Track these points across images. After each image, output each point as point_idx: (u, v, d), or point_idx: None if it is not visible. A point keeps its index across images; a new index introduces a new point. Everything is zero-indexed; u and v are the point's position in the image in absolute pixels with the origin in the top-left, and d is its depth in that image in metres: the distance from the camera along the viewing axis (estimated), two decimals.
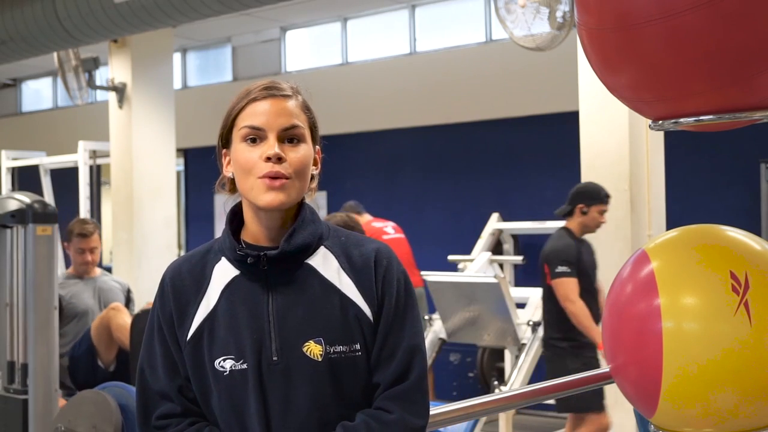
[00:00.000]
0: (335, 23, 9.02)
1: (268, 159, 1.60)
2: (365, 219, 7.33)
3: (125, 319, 4.49)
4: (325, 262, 1.67)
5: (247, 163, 1.62)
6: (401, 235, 7.41)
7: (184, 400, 1.66)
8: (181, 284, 1.68)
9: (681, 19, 1.49)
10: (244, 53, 9.76)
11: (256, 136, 1.62)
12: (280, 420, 1.60)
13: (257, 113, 1.63)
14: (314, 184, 1.71)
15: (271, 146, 1.61)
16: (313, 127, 1.69)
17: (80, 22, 6.01)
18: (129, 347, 4.43)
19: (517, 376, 5.59)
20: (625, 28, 1.55)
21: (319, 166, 1.71)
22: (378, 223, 7.34)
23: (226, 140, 1.68)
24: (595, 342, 4.63)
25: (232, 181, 1.69)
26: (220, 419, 1.64)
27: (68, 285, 4.61)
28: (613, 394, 4.68)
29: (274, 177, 1.60)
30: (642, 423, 2.38)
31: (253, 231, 1.68)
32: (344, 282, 1.65)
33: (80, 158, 7.47)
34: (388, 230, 7.35)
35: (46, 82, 11.78)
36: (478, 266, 6.30)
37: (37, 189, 7.35)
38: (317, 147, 1.71)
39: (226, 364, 1.61)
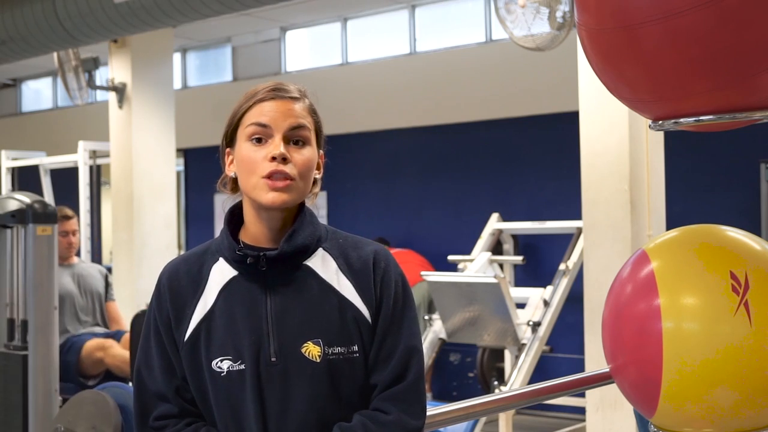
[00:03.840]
0: (335, 23, 9.02)
1: (273, 159, 1.60)
2: None
3: (120, 350, 4.55)
4: (323, 264, 1.67)
5: (251, 162, 1.62)
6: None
7: (181, 401, 1.66)
8: (179, 285, 1.68)
9: (681, 19, 1.49)
10: (244, 53, 9.76)
11: (261, 135, 1.63)
12: (277, 421, 1.60)
13: (264, 113, 1.63)
14: (317, 189, 1.72)
15: (277, 146, 1.61)
16: (318, 131, 1.69)
17: (80, 22, 6.01)
18: (129, 371, 4.44)
19: (517, 376, 5.59)
20: (625, 28, 1.55)
21: (322, 170, 1.72)
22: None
23: (230, 139, 1.68)
24: None
25: (234, 180, 1.70)
26: (217, 420, 1.64)
27: None
28: (613, 394, 4.68)
29: (277, 177, 1.60)
30: (642, 423, 2.38)
31: (253, 231, 1.68)
32: (343, 284, 1.66)
33: (80, 158, 7.46)
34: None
35: (46, 82, 11.78)
36: (478, 266, 6.30)
37: (37, 189, 7.34)
38: (321, 151, 1.71)
39: (223, 364, 1.61)
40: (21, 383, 3.88)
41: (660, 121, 1.69)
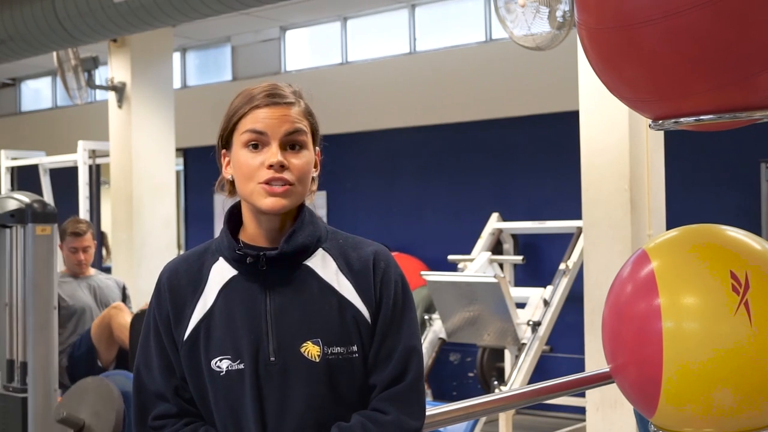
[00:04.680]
0: (335, 23, 9.02)
1: (270, 167, 1.60)
2: None
3: (127, 318, 4.48)
4: (323, 264, 1.67)
5: (248, 169, 1.62)
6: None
7: (180, 401, 1.66)
8: (178, 284, 1.68)
9: (681, 19, 1.49)
10: (244, 53, 9.76)
11: (258, 142, 1.62)
12: (276, 420, 1.60)
13: (260, 119, 1.62)
14: (314, 187, 1.72)
15: (274, 154, 1.60)
16: (314, 132, 1.69)
17: (80, 21, 6.01)
18: (128, 347, 4.43)
19: (517, 376, 5.59)
20: (625, 27, 1.55)
21: (319, 168, 1.72)
22: None
23: (226, 141, 1.68)
24: None
25: (232, 182, 1.69)
26: (216, 419, 1.64)
27: (63, 284, 4.60)
28: (613, 394, 4.67)
29: (276, 183, 1.60)
30: (642, 423, 2.38)
31: (252, 232, 1.68)
32: (342, 284, 1.65)
33: (80, 158, 7.46)
34: None
35: (45, 82, 11.78)
36: (478, 266, 6.30)
37: (36, 189, 7.34)
38: (317, 149, 1.71)
39: (222, 364, 1.61)
40: (21, 426, 3.85)
41: (660, 121, 1.69)
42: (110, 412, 3.41)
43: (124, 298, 4.87)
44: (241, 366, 1.60)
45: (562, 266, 5.96)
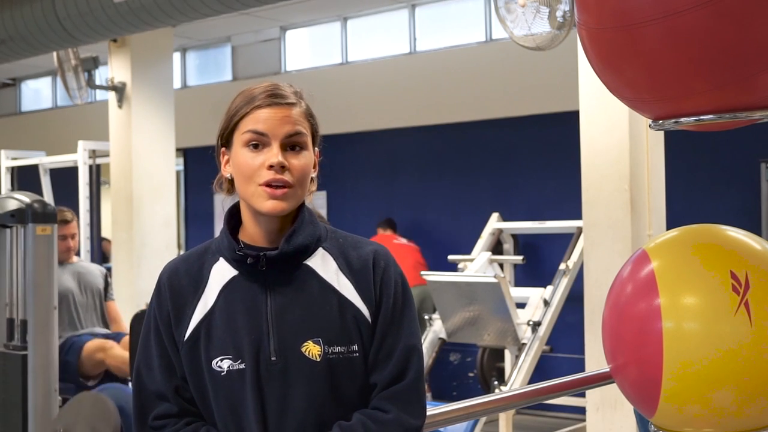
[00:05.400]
0: (335, 23, 9.02)
1: (271, 167, 1.60)
2: (387, 233, 7.70)
3: (120, 351, 4.56)
4: (323, 264, 1.67)
5: (248, 169, 1.62)
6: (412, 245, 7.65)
7: (181, 401, 1.66)
8: (179, 284, 1.68)
9: (681, 19, 1.49)
10: (244, 53, 9.76)
11: (258, 142, 1.62)
12: (277, 420, 1.60)
13: (261, 120, 1.62)
14: (313, 187, 1.72)
15: (275, 154, 1.60)
16: (314, 133, 1.69)
17: (80, 21, 6.01)
18: (129, 372, 4.45)
19: (517, 376, 5.59)
20: (625, 27, 1.55)
21: (318, 168, 1.72)
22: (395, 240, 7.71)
23: (226, 140, 1.68)
24: None
25: (230, 181, 1.69)
26: (217, 419, 1.64)
27: None
28: (613, 394, 4.67)
29: (276, 186, 1.60)
30: (642, 423, 2.38)
31: (251, 232, 1.68)
32: (342, 283, 1.66)
33: (80, 158, 7.46)
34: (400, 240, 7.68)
35: (45, 82, 11.78)
36: (478, 266, 6.30)
37: (36, 189, 7.34)
38: (316, 149, 1.71)
39: (223, 364, 1.62)
40: (20, 383, 3.88)
41: (660, 121, 1.69)
42: (107, 428, 3.43)
43: (106, 284, 4.99)
44: (242, 366, 1.61)
45: (562, 266, 5.96)
